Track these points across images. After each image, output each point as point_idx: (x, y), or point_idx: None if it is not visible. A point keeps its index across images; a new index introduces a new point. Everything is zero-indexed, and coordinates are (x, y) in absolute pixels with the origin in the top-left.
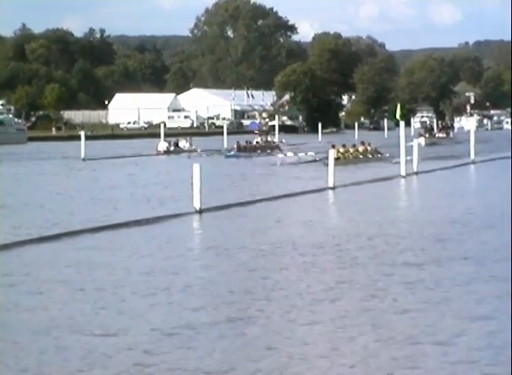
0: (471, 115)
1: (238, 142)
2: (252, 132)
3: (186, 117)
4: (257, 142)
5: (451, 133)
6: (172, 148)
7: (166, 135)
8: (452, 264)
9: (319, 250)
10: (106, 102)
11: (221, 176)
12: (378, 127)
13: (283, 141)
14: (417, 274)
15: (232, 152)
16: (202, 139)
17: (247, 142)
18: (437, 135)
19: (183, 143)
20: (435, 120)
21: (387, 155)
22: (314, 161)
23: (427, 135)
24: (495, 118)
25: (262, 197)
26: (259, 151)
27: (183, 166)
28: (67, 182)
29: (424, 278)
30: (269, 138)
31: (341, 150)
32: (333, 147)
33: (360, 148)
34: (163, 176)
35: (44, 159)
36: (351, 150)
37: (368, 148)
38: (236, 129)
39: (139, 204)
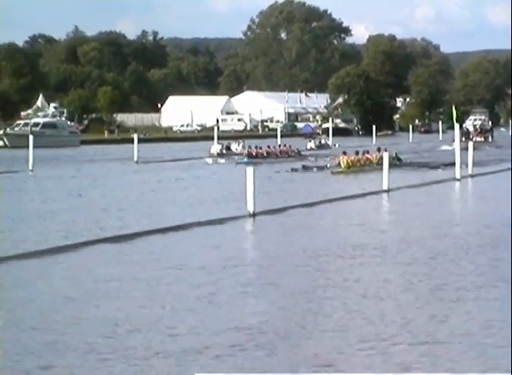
0: None
1: (250, 147)
2: (306, 135)
3: (239, 120)
4: (268, 147)
5: (489, 138)
6: (224, 151)
7: (219, 138)
8: None
9: (382, 252)
10: (159, 105)
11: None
12: (429, 130)
13: (336, 144)
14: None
15: (244, 159)
16: (255, 142)
17: (257, 148)
18: (474, 139)
19: (235, 146)
20: (489, 122)
21: (408, 161)
22: (323, 168)
23: (463, 139)
24: None
25: (316, 200)
26: (275, 157)
27: (234, 170)
28: (124, 184)
29: None
30: (323, 141)
31: (351, 158)
32: (344, 154)
33: (374, 156)
34: (215, 179)
35: (97, 161)
36: (361, 158)
37: (385, 154)
38: (290, 131)
39: (192, 207)
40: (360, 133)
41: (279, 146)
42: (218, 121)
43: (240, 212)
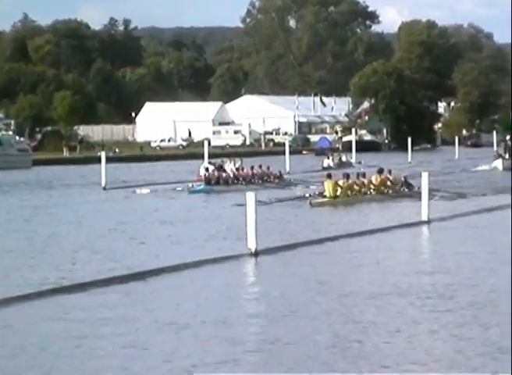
0: None
1: (207, 169)
2: (319, 151)
3: (236, 132)
4: (252, 168)
5: None
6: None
7: (211, 156)
8: None
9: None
10: (133, 114)
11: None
12: (478, 143)
13: (362, 162)
14: None
15: (200, 186)
16: (257, 160)
17: (219, 168)
18: None
19: (230, 166)
20: None
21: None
22: (300, 198)
23: (507, 156)
24: None
25: (333, 234)
26: (245, 183)
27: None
28: (89, 217)
29: None
30: (344, 158)
31: (340, 183)
32: (329, 177)
33: (374, 180)
34: (206, 208)
35: (54, 187)
36: (354, 183)
37: (389, 178)
38: (302, 146)
39: (178, 244)
40: (392, 147)
41: (252, 168)
42: (209, 140)
43: (235, 250)
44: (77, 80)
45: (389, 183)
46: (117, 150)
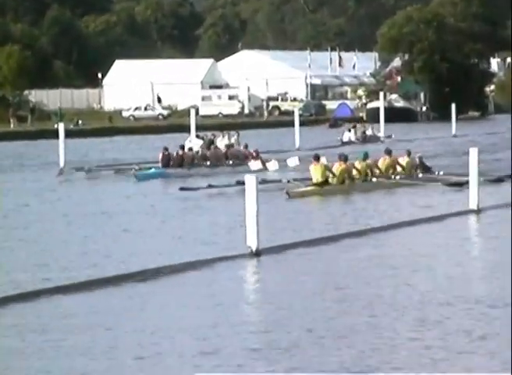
0: None
1: (166, 149)
2: (332, 122)
3: (231, 98)
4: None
5: None
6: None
7: (199, 128)
8: None
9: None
10: (99, 76)
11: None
12: None
13: (392, 135)
14: None
15: (150, 170)
16: (257, 134)
17: (209, 144)
18: None
19: (224, 141)
20: None
21: (439, 173)
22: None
23: None
24: None
25: (352, 229)
26: (213, 164)
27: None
28: (44, 207)
29: None
30: (368, 131)
31: (332, 167)
32: (317, 159)
33: (381, 163)
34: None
35: None
36: (358, 165)
37: (398, 161)
38: (315, 116)
39: (162, 241)
40: (431, 116)
41: (227, 146)
42: (197, 108)
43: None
44: (27, 31)
45: (398, 167)
46: (79, 121)
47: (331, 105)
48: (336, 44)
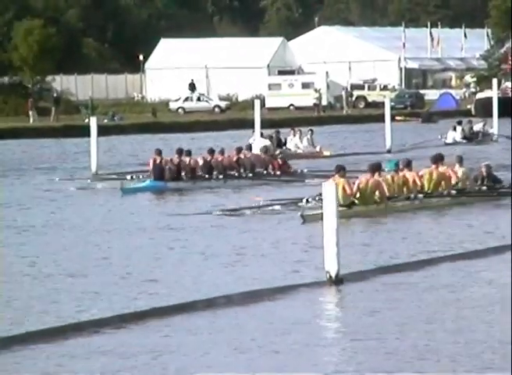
0: None
1: (159, 152)
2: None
3: (305, 86)
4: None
5: None
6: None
7: (265, 124)
8: None
9: None
10: (141, 58)
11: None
12: None
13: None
14: None
15: (146, 182)
16: (336, 131)
17: (277, 143)
18: None
19: (295, 141)
20: None
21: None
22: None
23: None
24: None
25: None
26: (220, 177)
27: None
28: (73, 222)
29: None
30: (477, 127)
31: (360, 182)
32: (339, 171)
33: (427, 175)
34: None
35: (14, 173)
36: (390, 178)
37: (454, 172)
38: (411, 108)
39: (217, 265)
40: None
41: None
42: (263, 99)
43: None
44: (52, 2)
45: (453, 179)
46: (116, 115)
47: (431, 95)
48: (438, 19)
